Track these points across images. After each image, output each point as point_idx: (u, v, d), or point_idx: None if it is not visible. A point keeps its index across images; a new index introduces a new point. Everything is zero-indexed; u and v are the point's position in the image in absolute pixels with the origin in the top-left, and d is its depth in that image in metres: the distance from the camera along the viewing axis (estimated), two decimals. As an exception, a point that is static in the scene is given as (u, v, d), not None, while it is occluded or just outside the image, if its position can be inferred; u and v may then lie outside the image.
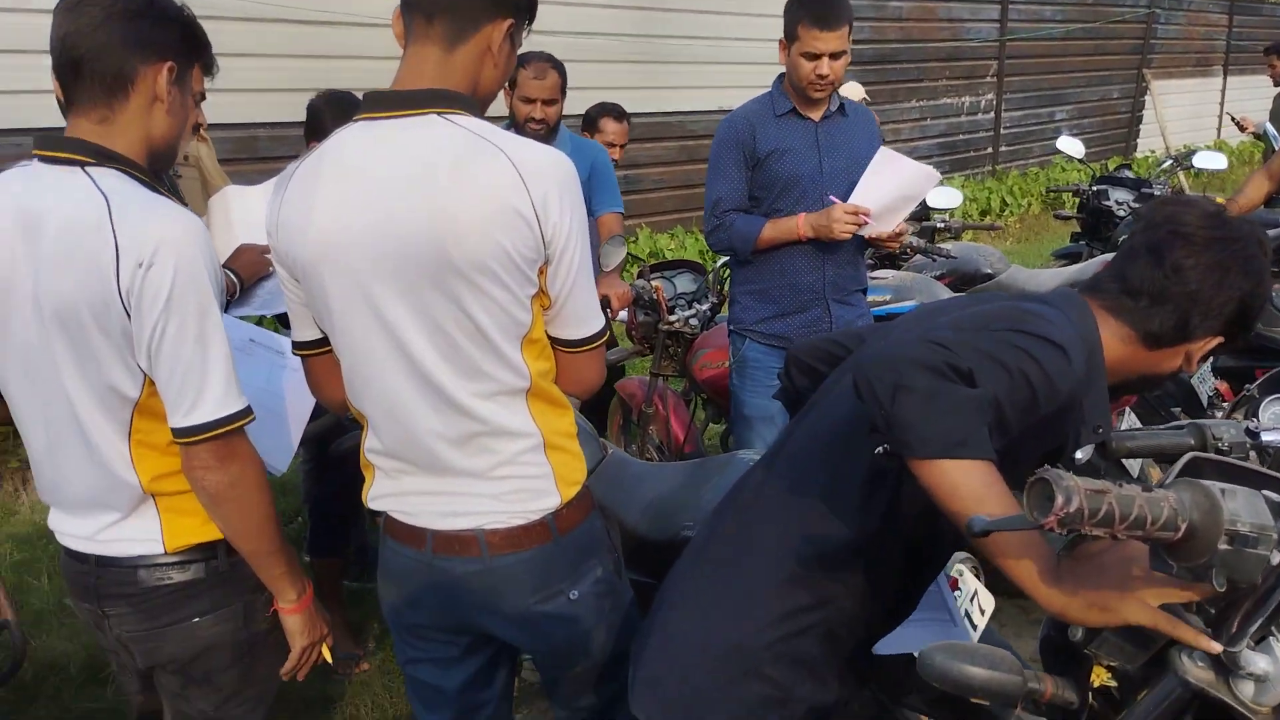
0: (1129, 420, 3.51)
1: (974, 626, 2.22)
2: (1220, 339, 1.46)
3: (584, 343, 1.61)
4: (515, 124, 3.56)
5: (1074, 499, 0.94)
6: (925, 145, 10.32)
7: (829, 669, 1.49)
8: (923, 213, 4.74)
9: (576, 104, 4.55)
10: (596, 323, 1.62)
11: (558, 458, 1.61)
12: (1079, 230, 5.87)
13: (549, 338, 1.60)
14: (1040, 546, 1.22)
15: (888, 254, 4.37)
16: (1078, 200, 5.81)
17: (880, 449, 1.31)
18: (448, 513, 1.60)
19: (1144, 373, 1.52)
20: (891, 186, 3.02)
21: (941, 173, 11.01)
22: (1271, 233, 4.40)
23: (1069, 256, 5.75)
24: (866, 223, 2.97)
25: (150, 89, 1.55)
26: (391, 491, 1.65)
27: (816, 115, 3.06)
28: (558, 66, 3.50)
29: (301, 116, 3.14)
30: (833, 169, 3.07)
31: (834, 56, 2.92)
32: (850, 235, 2.97)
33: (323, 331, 1.62)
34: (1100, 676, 1.32)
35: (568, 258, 1.52)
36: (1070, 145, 5.73)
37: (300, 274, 1.54)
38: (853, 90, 7.32)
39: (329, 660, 1.87)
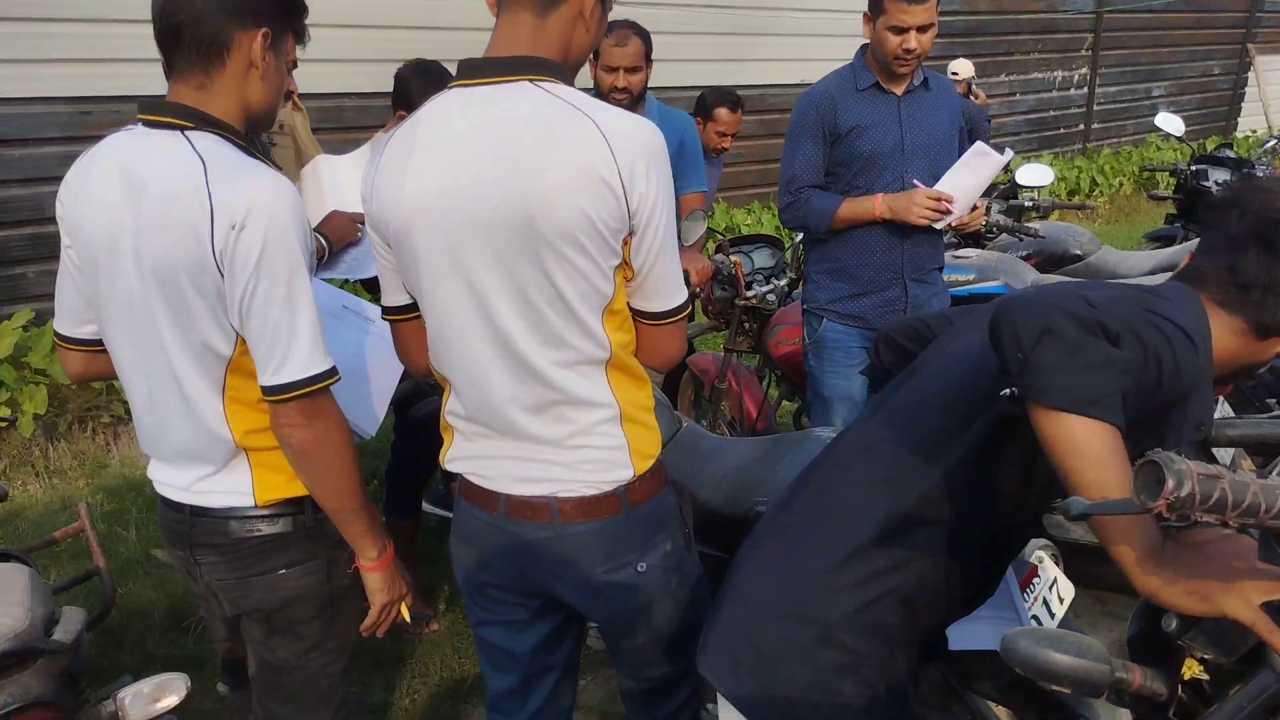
0: (1223, 410, 3.38)
1: (1052, 615, 2.18)
2: None
3: (666, 315, 1.61)
4: (599, 94, 3.54)
5: (1186, 483, 0.90)
6: (1013, 121, 10.04)
7: (904, 639, 1.47)
8: (1010, 190, 4.61)
9: (656, 76, 4.52)
10: (679, 296, 1.61)
11: (633, 430, 1.62)
12: (1174, 212, 5.66)
13: (631, 309, 1.59)
14: (1147, 526, 1.18)
15: (971, 233, 4.27)
16: (1174, 180, 5.60)
17: (1007, 392, 1.26)
18: (522, 478, 1.62)
19: (1249, 363, 1.47)
20: (979, 179, 2.96)
21: (1029, 150, 10.70)
22: None
23: (1163, 239, 5.55)
24: (950, 211, 2.91)
25: (246, 55, 1.57)
26: (468, 454, 1.67)
27: (899, 90, 2.99)
28: (641, 33, 3.46)
29: (387, 87, 3.17)
30: (914, 145, 3.00)
31: (921, 30, 2.84)
32: (928, 223, 2.91)
33: (411, 297, 1.64)
34: (1191, 669, 1.27)
35: (652, 229, 1.51)
36: (1169, 122, 5.51)
37: (392, 239, 1.56)
38: (963, 67, 7.12)
39: (407, 619, 1.90)
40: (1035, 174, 4.47)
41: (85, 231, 1.60)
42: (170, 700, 1.74)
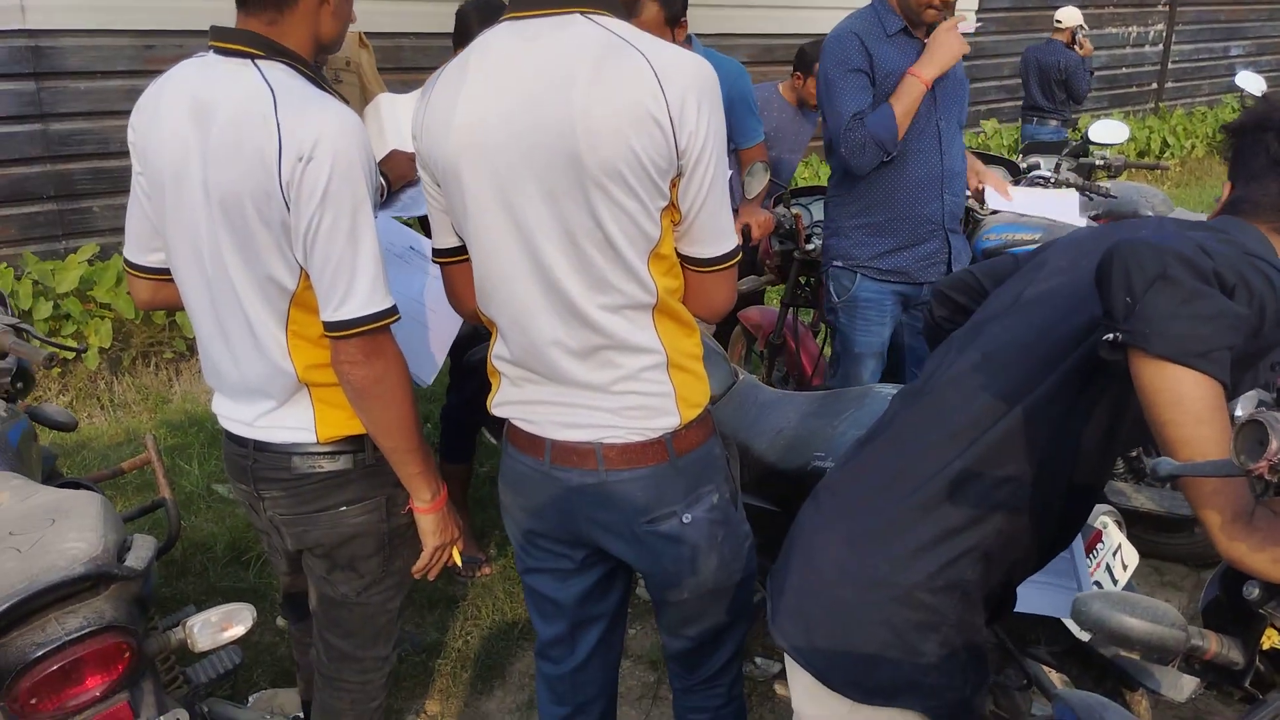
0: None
1: (1115, 581, 2.15)
2: None
3: (714, 262, 1.56)
4: None
5: (1291, 444, 0.87)
6: (1083, 79, 9.74)
7: (980, 594, 1.44)
8: (1081, 147, 4.47)
9: (701, 23, 4.42)
10: (728, 243, 1.57)
11: (680, 378, 1.59)
12: (1250, 175, 5.47)
13: (679, 255, 1.56)
14: (1238, 488, 1.15)
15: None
16: (1252, 142, 5.39)
17: (1110, 337, 1.21)
18: (568, 423, 1.60)
19: None
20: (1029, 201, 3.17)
21: (1099, 108, 10.40)
22: None
23: (1237, 203, 5.37)
24: (964, 18, 2.97)
25: None
26: (515, 399, 1.66)
27: (922, 35, 2.92)
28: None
29: (446, 27, 3.14)
30: (942, 95, 2.94)
31: None
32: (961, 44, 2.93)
33: (460, 239, 1.62)
34: (1271, 639, 1.24)
35: (701, 170, 1.46)
36: (1250, 81, 5.32)
37: (441, 175, 1.54)
38: (1068, 15, 6.80)
39: (458, 564, 1.92)
40: (1109, 131, 4.34)
41: (154, 158, 1.61)
42: (237, 630, 1.77)
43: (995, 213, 3.75)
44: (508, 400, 1.67)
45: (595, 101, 1.39)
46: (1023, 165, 4.40)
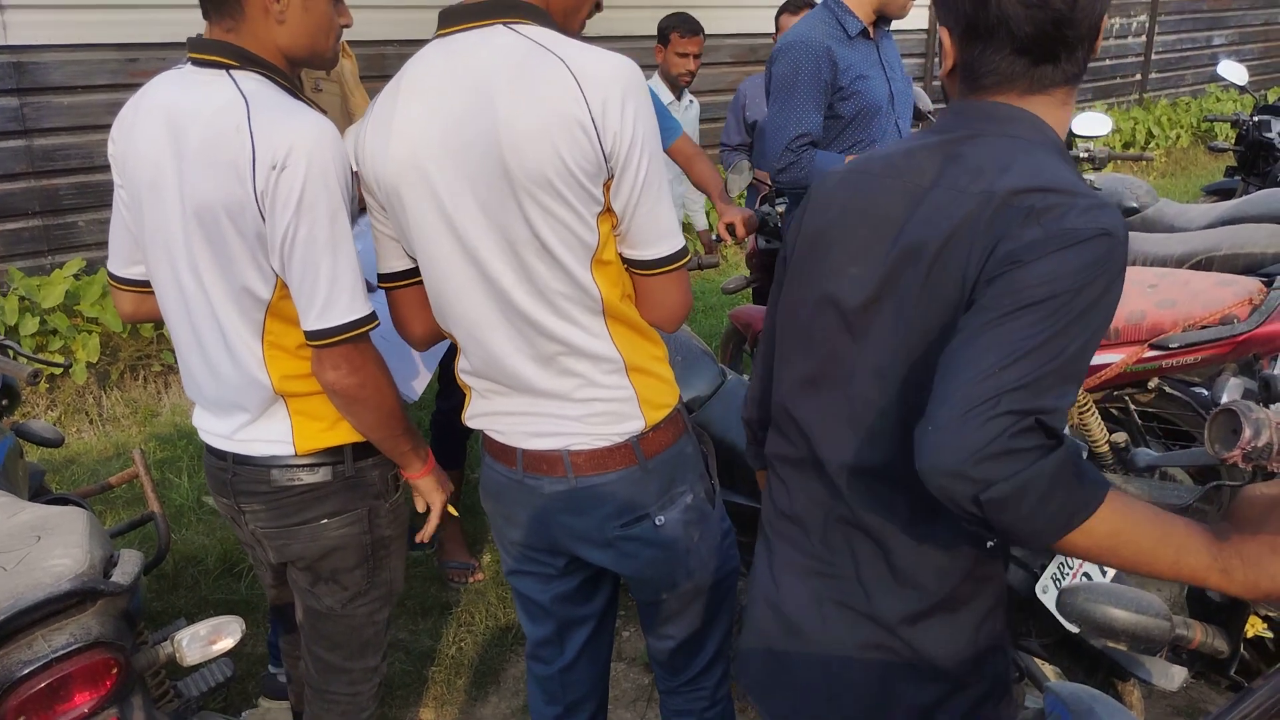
0: (1282, 366, 3.30)
1: (1104, 572, 2.15)
2: None
3: (657, 264, 1.53)
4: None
5: (1263, 433, 0.87)
6: (1067, 72, 9.76)
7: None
8: (1066, 140, 4.48)
9: (640, 23, 4.45)
10: (671, 242, 1.53)
11: (642, 381, 1.59)
12: (1234, 165, 5.49)
13: (624, 259, 1.54)
14: (1180, 535, 1.00)
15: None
16: (1235, 132, 5.42)
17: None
18: (535, 432, 1.61)
19: None
20: None
21: (1083, 101, 10.43)
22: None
23: (1221, 192, 5.39)
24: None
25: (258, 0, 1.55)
26: (485, 411, 1.67)
27: (874, 34, 2.93)
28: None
29: (427, 34, 3.14)
30: (898, 93, 2.94)
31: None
32: None
33: (410, 262, 1.61)
34: (1255, 627, 1.25)
35: (632, 170, 1.44)
36: (1232, 71, 5.32)
37: (384, 199, 1.53)
38: None
39: (454, 514, 1.96)
40: (1092, 123, 4.34)
41: (132, 169, 1.61)
42: (226, 643, 1.77)
43: None
44: (478, 412, 1.68)
45: (517, 111, 1.39)
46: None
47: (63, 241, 4.90)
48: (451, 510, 1.92)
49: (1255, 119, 5.24)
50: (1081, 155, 4.46)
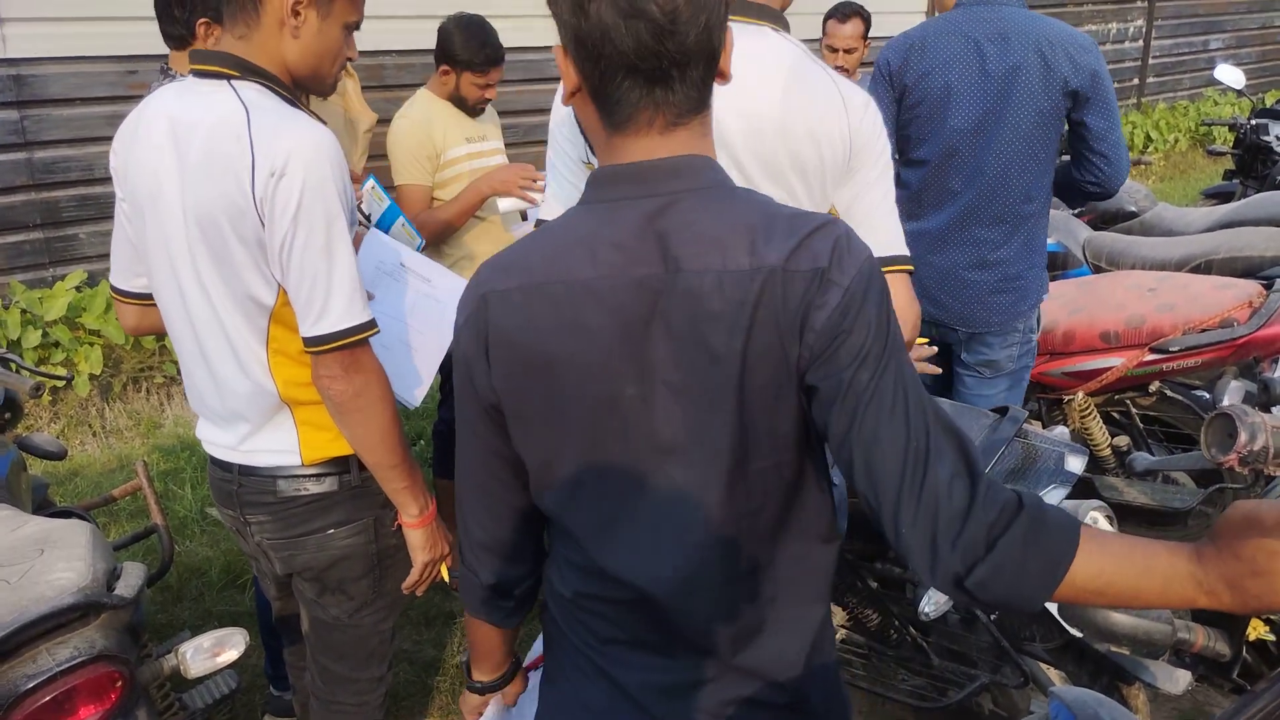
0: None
1: (1107, 575, 2.15)
2: None
3: None
4: None
5: (1259, 436, 0.88)
6: (1064, 76, 9.78)
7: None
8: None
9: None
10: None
11: None
12: (1232, 168, 5.50)
13: None
14: (1164, 565, 0.98)
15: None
16: (1233, 135, 5.43)
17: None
18: None
19: None
20: None
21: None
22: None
23: (1220, 195, 5.40)
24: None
25: (278, 10, 1.55)
26: None
27: None
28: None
29: (427, 44, 3.16)
30: None
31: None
32: None
33: None
34: (1257, 630, 1.25)
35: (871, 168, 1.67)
36: (1229, 74, 5.34)
37: None
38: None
39: (446, 579, 1.91)
40: (1090, 128, 4.35)
41: (134, 181, 1.62)
42: (230, 655, 1.77)
43: None
44: None
45: (797, 107, 1.57)
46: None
47: (64, 254, 4.91)
48: (443, 572, 1.87)
49: (1253, 122, 5.25)
50: (1080, 159, 4.47)
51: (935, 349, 2.02)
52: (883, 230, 1.62)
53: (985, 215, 2.64)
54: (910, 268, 1.64)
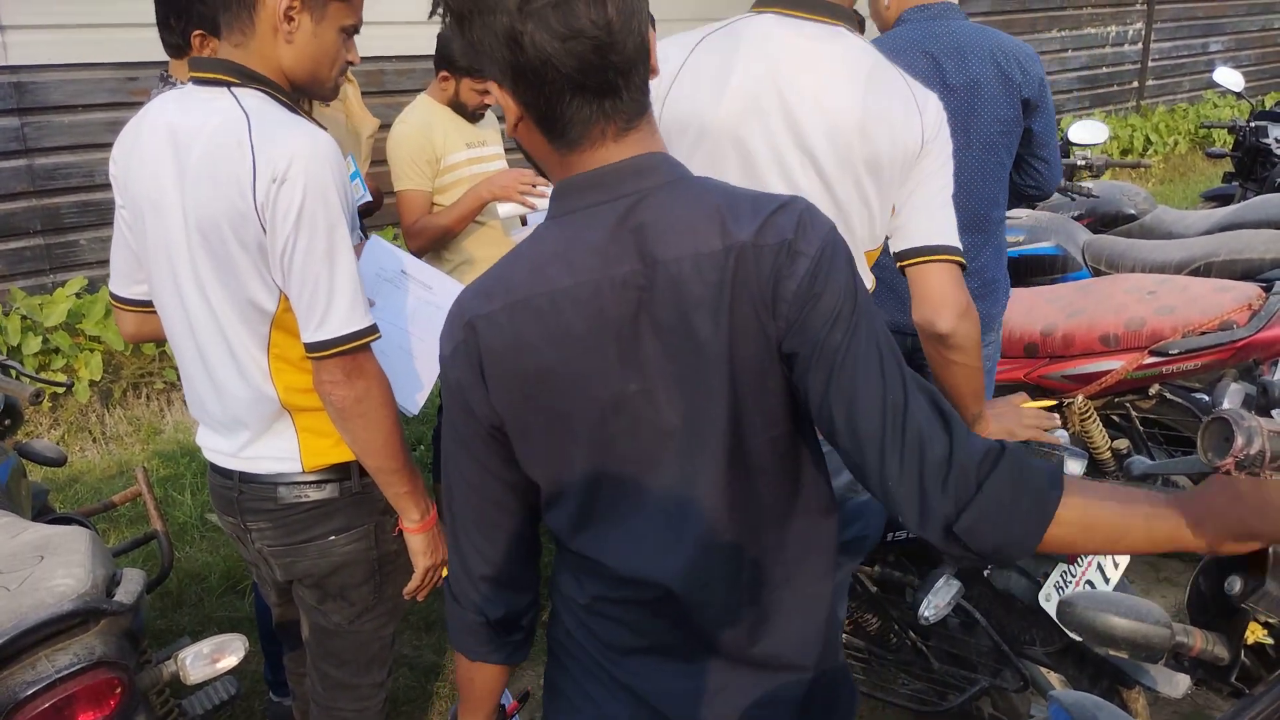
0: (1282, 371, 3.30)
1: (1106, 579, 2.15)
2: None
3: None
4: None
5: (1255, 440, 0.88)
6: (1065, 79, 9.79)
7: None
8: (1062, 148, 4.50)
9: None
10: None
11: None
12: (1231, 170, 5.50)
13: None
14: (1144, 502, 1.01)
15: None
16: (1233, 138, 5.43)
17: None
18: None
19: None
20: None
21: (1081, 109, 10.42)
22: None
23: (1220, 198, 5.40)
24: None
25: (272, 16, 1.55)
26: None
27: None
28: None
29: (427, 50, 3.16)
30: None
31: None
32: None
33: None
34: (1255, 633, 1.25)
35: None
36: (1228, 77, 5.34)
37: (696, 135, 1.62)
38: None
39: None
40: (1088, 131, 4.36)
41: (134, 188, 1.62)
42: (229, 661, 1.77)
43: None
44: None
45: (875, 104, 1.62)
46: (1005, 168, 4.43)
47: (64, 260, 4.92)
48: (444, 573, 1.87)
49: (1252, 124, 5.25)
50: (1079, 163, 4.48)
51: (1058, 421, 2.01)
52: (937, 220, 1.65)
53: (960, 225, 2.66)
54: (961, 260, 1.66)
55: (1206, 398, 3.13)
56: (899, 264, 1.68)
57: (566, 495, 1.13)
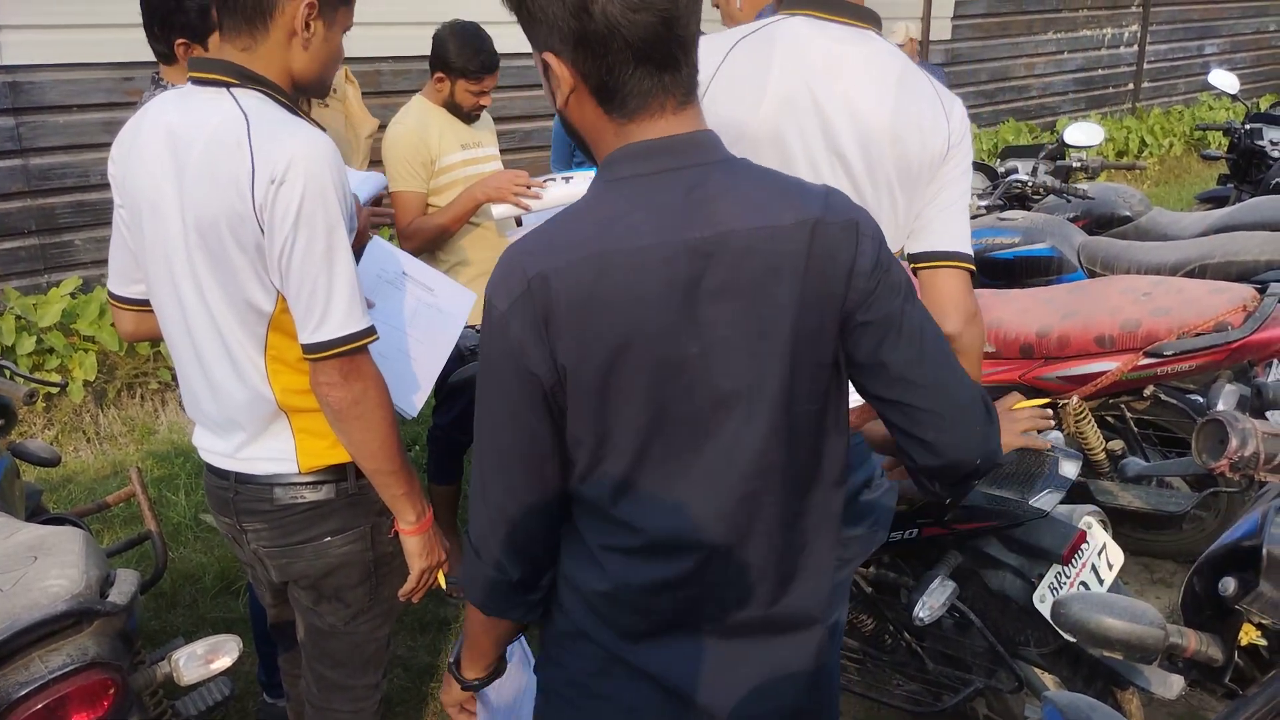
0: (1276, 372, 3.31)
1: (1100, 581, 2.16)
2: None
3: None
4: None
5: (1250, 442, 0.88)
6: (1060, 81, 9.81)
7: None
8: (1058, 150, 4.51)
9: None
10: None
11: None
12: (1227, 172, 5.52)
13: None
14: None
15: (1017, 194, 4.19)
16: (1228, 140, 5.45)
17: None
18: None
19: None
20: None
21: (1077, 110, 10.43)
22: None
23: (1214, 200, 5.42)
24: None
25: (289, 22, 1.56)
26: None
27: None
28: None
29: (423, 51, 3.16)
30: None
31: None
32: None
33: None
34: (1249, 635, 1.25)
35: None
36: (1223, 79, 5.35)
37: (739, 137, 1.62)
38: (905, 30, 6.24)
39: (443, 586, 1.92)
40: (1084, 133, 4.37)
41: (133, 188, 1.62)
42: (223, 661, 1.77)
43: None
44: None
45: (905, 108, 1.64)
46: (1000, 170, 4.43)
47: (59, 260, 4.90)
48: (440, 579, 1.88)
49: (1247, 127, 5.27)
50: (1075, 164, 4.49)
51: (1052, 421, 2.03)
52: (954, 226, 1.68)
53: None
54: (972, 267, 1.68)
55: (1201, 399, 3.13)
56: (913, 265, 1.69)
57: (614, 457, 1.14)
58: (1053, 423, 2.00)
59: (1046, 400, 2.05)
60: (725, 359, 1.11)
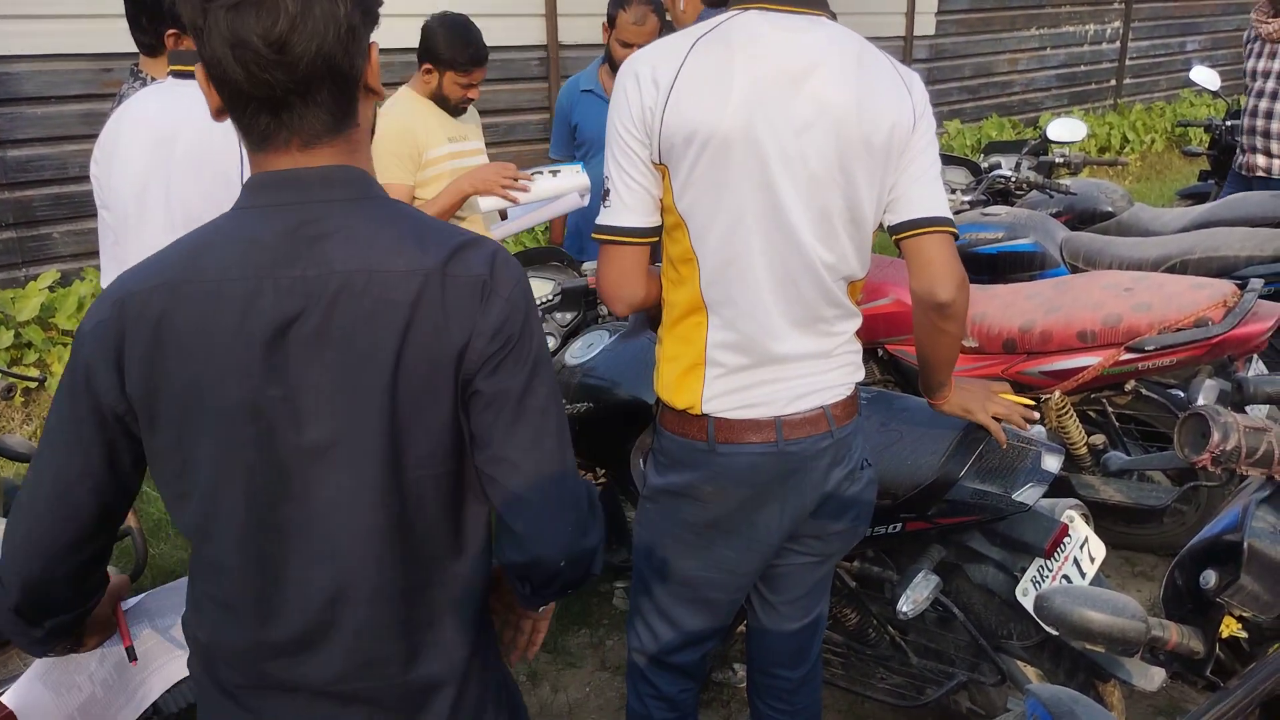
0: (1256, 368, 3.34)
1: (1083, 574, 2.16)
2: None
3: (929, 224, 1.68)
4: (610, 64, 3.61)
5: (1231, 436, 0.88)
6: (1043, 77, 9.85)
7: None
8: (1040, 145, 4.53)
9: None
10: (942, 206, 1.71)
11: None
12: (1208, 169, 5.55)
13: (892, 227, 1.70)
14: None
15: (1001, 190, 4.20)
16: (1209, 136, 5.48)
17: None
18: (795, 396, 1.69)
19: None
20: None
21: (1059, 106, 10.48)
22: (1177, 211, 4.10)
23: (1196, 196, 5.45)
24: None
25: None
26: (735, 387, 1.68)
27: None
28: (658, 10, 3.41)
29: (410, 42, 3.14)
30: None
31: None
32: None
33: (658, 219, 1.66)
34: (1230, 627, 1.26)
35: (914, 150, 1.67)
36: (1205, 76, 5.38)
37: (699, 151, 1.57)
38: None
39: None
40: (1066, 129, 4.39)
41: (117, 186, 1.61)
42: (202, 656, 1.75)
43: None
44: (724, 391, 1.69)
45: (872, 92, 1.60)
46: (984, 165, 4.45)
47: (37, 253, 4.85)
48: None
49: (1228, 123, 5.30)
50: (1057, 160, 4.51)
51: (1038, 415, 2.04)
52: (930, 193, 1.68)
53: None
54: (955, 230, 1.68)
55: (1182, 394, 3.15)
56: (895, 238, 1.69)
57: (192, 497, 1.08)
58: (1037, 416, 2.01)
59: (1032, 402, 2.05)
60: (315, 406, 1.03)
